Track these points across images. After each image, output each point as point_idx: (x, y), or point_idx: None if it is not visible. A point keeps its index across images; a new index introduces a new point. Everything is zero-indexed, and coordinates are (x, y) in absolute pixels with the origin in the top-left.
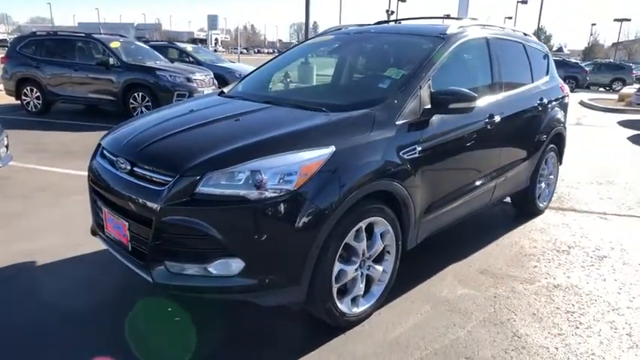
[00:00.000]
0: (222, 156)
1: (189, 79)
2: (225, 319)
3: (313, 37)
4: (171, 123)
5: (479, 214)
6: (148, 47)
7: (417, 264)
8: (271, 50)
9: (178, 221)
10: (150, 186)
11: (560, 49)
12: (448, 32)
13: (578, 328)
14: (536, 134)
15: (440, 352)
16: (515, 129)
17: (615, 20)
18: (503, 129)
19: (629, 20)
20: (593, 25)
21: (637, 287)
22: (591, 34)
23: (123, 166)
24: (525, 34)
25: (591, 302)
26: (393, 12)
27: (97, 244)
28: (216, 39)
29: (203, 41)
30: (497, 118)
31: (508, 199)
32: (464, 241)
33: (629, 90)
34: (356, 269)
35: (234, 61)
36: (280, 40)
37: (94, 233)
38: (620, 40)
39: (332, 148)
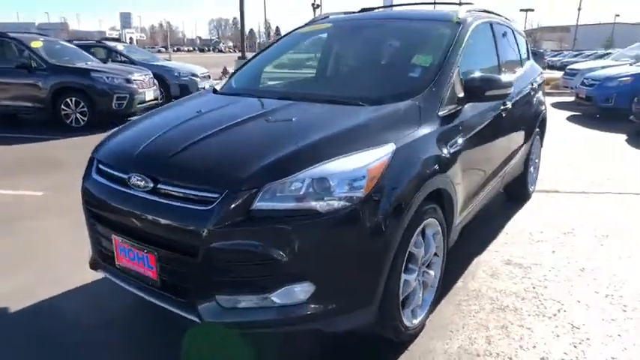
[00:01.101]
0: (279, 163)
1: (128, 80)
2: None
3: (303, 27)
4: (188, 127)
5: None
6: (75, 47)
7: None
8: (191, 48)
9: (233, 246)
10: (188, 206)
11: None
12: (462, 17)
13: (625, 311)
14: (530, 117)
15: (514, 356)
16: (519, 113)
17: (521, 10)
18: (513, 114)
19: (532, 10)
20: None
21: None
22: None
23: (141, 183)
24: (507, 19)
25: (622, 283)
26: (318, 5)
27: (81, 278)
28: (130, 38)
29: (117, 40)
30: (509, 104)
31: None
32: (472, 232)
33: (552, 74)
34: (415, 278)
35: (169, 60)
36: (200, 38)
37: (94, 266)
38: (525, 29)
39: (392, 146)
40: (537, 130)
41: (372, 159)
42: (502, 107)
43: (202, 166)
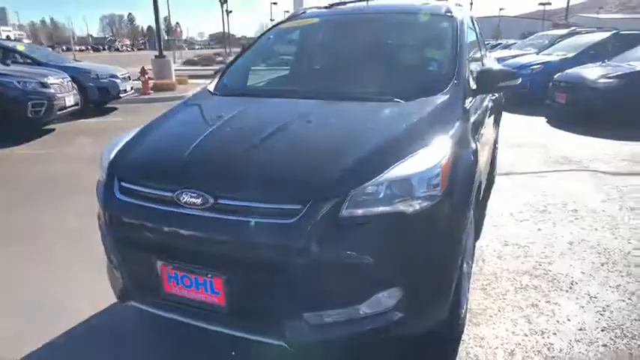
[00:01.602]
0: (359, 168)
1: (44, 85)
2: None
3: (284, 22)
4: (225, 136)
5: None
6: None
7: None
8: (83, 47)
9: (322, 257)
10: (266, 220)
11: None
12: (454, 11)
13: (623, 276)
14: (498, 104)
15: (557, 330)
16: (495, 101)
17: None
18: (494, 102)
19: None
20: None
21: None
22: None
23: (197, 200)
24: None
25: (608, 252)
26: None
27: (73, 318)
28: (7, 37)
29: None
30: (496, 94)
31: None
32: None
33: None
34: (464, 267)
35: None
36: (91, 36)
37: (125, 298)
38: None
39: (450, 141)
40: (500, 116)
41: (440, 156)
42: (492, 97)
43: (275, 177)
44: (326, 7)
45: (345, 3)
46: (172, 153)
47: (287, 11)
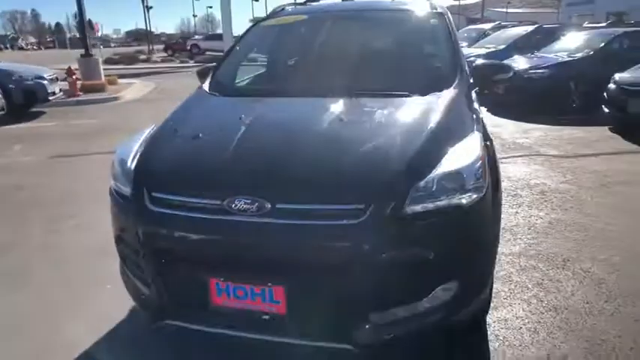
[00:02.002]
0: (414, 164)
1: None
2: None
3: (266, 20)
4: (260, 138)
5: None
6: None
7: None
8: None
9: (389, 256)
10: (329, 222)
11: None
12: (439, 7)
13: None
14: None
15: (568, 305)
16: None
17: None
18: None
19: None
20: None
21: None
22: None
23: (252, 207)
24: None
25: (587, 230)
26: None
27: (76, 342)
28: None
29: None
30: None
31: None
32: None
33: None
34: None
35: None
36: None
37: (160, 317)
38: None
39: (478, 133)
40: None
41: (479, 148)
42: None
43: (334, 177)
44: (301, 4)
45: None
46: (210, 159)
47: (210, 7)
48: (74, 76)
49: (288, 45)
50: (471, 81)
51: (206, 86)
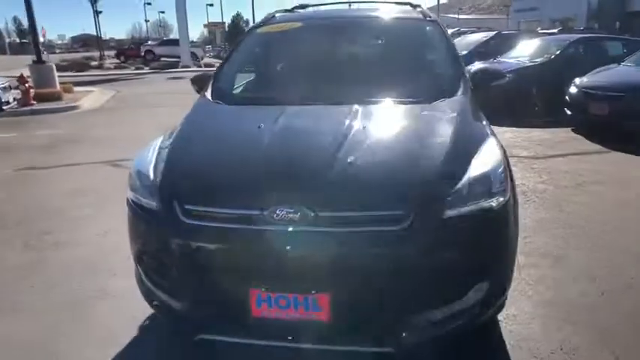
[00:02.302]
0: (448, 170)
1: None
2: None
3: (261, 27)
4: (291, 147)
5: None
6: None
7: None
8: None
9: (431, 259)
10: (372, 229)
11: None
12: (432, 15)
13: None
14: None
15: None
16: None
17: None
18: None
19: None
20: None
21: None
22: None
23: (293, 216)
24: None
25: (564, 226)
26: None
27: None
28: None
29: None
30: None
31: None
32: None
33: None
34: None
35: None
36: None
37: (198, 331)
38: None
39: (494, 137)
40: None
41: (498, 152)
42: None
43: (375, 184)
44: (289, 11)
45: (308, 6)
46: (244, 170)
47: (162, 12)
48: (27, 84)
49: (293, 52)
50: (470, 86)
51: (209, 95)
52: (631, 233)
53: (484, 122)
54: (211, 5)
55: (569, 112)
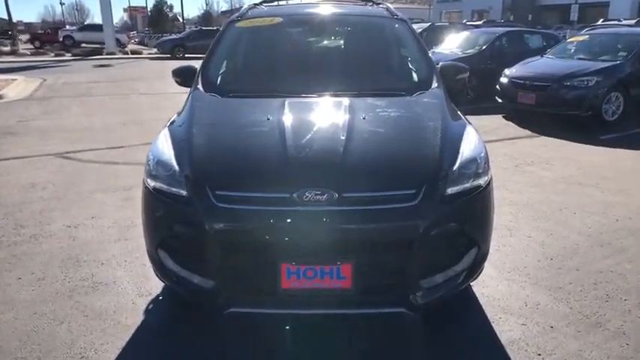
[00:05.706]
0: (447, 152)
1: None
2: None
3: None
4: (307, 136)
5: None
6: None
7: None
8: None
9: (437, 230)
10: (389, 206)
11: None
12: (399, 13)
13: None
14: None
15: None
16: None
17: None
18: None
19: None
20: None
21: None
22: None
23: (322, 197)
24: None
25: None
26: None
27: None
28: None
29: None
30: None
31: None
32: None
33: None
34: None
35: None
36: None
37: (228, 305)
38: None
39: (470, 124)
40: None
41: (479, 138)
42: None
43: (389, 168)
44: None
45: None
46: (268, 157)
47: None
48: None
49: (281, 47)
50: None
51: (201, 87)
52: (570, 205)
53: (459, 112)
54: None
55: (500, 100)
